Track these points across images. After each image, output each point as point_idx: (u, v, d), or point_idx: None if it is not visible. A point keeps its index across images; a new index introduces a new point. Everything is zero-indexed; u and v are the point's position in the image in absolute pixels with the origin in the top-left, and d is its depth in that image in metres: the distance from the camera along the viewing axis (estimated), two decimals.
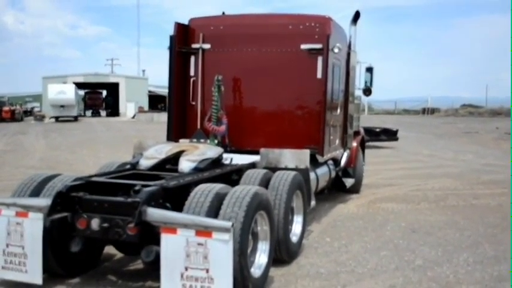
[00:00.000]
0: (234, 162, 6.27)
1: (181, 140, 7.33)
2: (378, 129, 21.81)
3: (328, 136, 7.60)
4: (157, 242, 4.26)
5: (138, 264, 5.53)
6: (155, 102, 64.76)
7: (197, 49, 7.74)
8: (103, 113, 64.80)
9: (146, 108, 59.49)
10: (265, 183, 5.62)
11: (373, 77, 9.91)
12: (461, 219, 7.78)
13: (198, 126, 7.64)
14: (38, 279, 4.60)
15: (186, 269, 4.10)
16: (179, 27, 7.74)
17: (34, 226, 4.59)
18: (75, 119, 46.74)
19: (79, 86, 55.75)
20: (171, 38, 7.62)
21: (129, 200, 4.42)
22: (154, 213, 4.29)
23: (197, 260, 4.08)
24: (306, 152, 6.61)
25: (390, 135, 21.57)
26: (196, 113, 7.78)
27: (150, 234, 4.36)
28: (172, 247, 4.15)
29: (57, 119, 45.50)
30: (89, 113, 63.63)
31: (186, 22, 7.90)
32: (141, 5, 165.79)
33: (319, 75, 7.33)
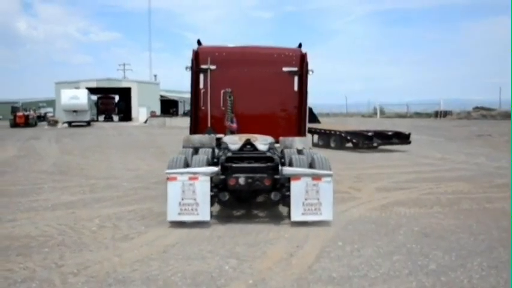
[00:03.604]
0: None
1: (196, 135, 9.69)
2: (390, 133, 21.73)
3: (304, 129, 10.50)
4: (278, 189, 7.45)
5: (239, 212, 8.36)
6: (167, 106, 65.00)
7: (206, 69, 10.14)
8: (115, 117, 65.20)
9: (158, 112, 59.77)
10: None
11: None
12: (475, 223, 7.70)
13: (209, 125, 10.19)
14: (207, 218, 7.20)
15: (306, 199, 7.25)
16: (196, 53, 10.16)
17: (203, 185, 7.18)
18: (88, 124, 47.07)
19: (92, 91, 56.19)
20: (192, 61, 10.06)
21: (270, 164, 7.52)
22: (287, 170, 7.48)
23: (312, 194, 7.25)
24: (309, 138, 9.93)
25: (402, 138, 21.48)
26: (206, 115, 10.24)
27: (276, 184, 7.47)
28: (298, 188, 7.25)
29: (70, 124, 45.85)
30: (101, 117, 64.12)
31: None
32: (152, 10, 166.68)
33: (295, 88, 10.34)
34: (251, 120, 10.12)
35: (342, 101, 77.60)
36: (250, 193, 8.05)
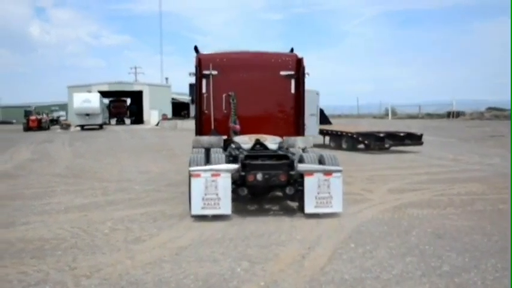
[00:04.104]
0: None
1: (205, 136, 10.16)
2: (402, 134, 21.62)
3: (302, 128, 10.93)
4: (292, 184, 8.07)
5: (253, 207, 9.00)
6: (179, 109, 65.20)
7: (208, 74, 10.60)
8: (127, 120, 65.54)
9: (170, 115, 59.96)
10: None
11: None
12: (489, 225, 7.63)
13: (212, 127, 10.59)
14: (228, 211, 7.81)
15: (318, 193, 7.90)
16: (198, 59, 10.64)
17: (225, 181, 7.76)
18: (100, 127, 47.40)
19: (103, 94, 56.51)
20: (196, 67, 10.55)
21: (286, 161, 8.15)
22: (302, 166, 8.09)
23: (324, 188, 7.91)
24: (311, 138, 10.77)
25: (414, 139, 21.36)
26: (209, 118, 10.68)
27: (290, 180, 8.04)
28: (311, 183, 7.90)
29: (82, 127, 46.19)
30: (113, 121, 64.47)
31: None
32: (162, 14, 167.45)
33: (292, 91, 10.79)
34: (251, 122, 10.61)
35: (354, 102, 77.56)
36: (266, 188, 8.64)
